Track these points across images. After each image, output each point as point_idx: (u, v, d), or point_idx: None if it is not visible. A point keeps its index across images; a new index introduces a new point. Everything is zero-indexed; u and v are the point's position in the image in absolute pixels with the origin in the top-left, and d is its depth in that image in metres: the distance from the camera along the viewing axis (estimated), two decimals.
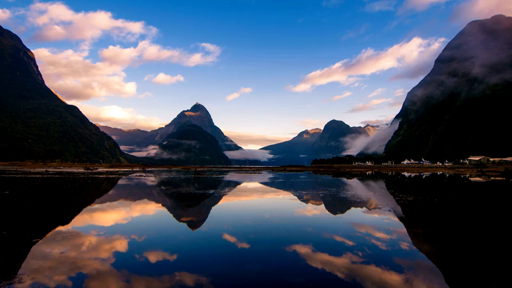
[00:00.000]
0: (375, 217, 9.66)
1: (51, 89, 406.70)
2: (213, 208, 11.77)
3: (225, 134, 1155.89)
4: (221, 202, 13.27)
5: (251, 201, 13.74)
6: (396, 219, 9.36)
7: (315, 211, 11.13)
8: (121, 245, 6.28)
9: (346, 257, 5.60)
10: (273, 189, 20.58)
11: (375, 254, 5.76)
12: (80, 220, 8.74)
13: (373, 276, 4.66)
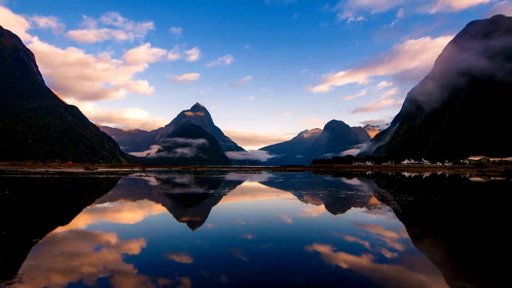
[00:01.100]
0: (375, 217, 9.66)
1: (52, 90, 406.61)
2: (213, 208, 11.77)
3: (225, 134, 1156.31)
4: (221, 202, 13.27)
5: (251, 201, 13.74)
6: (396, 219, 9.36)
7: (316, 211, 11.13)
8: (121, 245, 6.28)
9: (346, 257, 5.60)
10: (273, 189, 20.58)
11: (375, 254, 5.76)
12: (80, 220, 8.74)
13: (373, 276, 4.66)
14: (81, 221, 8.65)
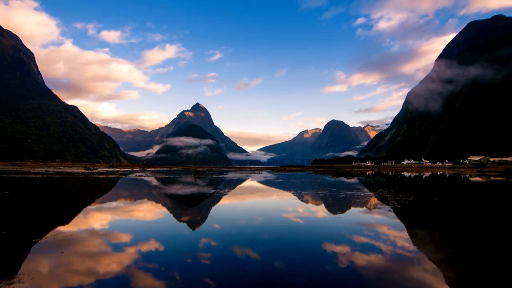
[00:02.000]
0: (375, 217, 9.65)
1: (52, 90, 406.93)
2: (213, 208, 11.77)
3: (225, 134, 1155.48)
4: (221, 202, 13.27)
5: (251, 201, 13.74)
6: (397, 219, 9.36)
7: (316, 211, 11.12)
8: (121, 245, 6.28)
9: (346, 257, 5.60)
10: (273, 189, 20.58)
11: (375, 254, 5.76)
12: (80, 220, 8.74)
13: (373, 276, 4.66)
14: (81, 221, 8.65)
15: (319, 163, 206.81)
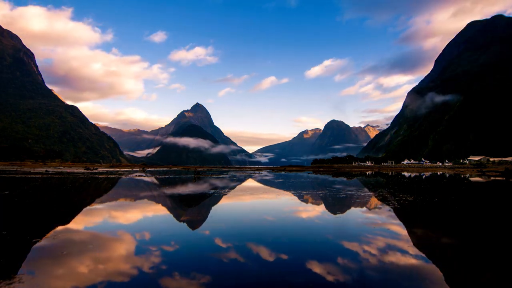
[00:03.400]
0: (375, 217, 9.65)
1: (52, 90, 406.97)
2: (213, 208, 11.77)
3: (225, 134, 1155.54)
4: (221, 202, 13.26)
5: (251, 201, 13.73)
6: (396, 220, 9.35)
7: (316, 211, 11.12)
8: (121, 245, 6.28)
9: (346, 257, 5.59)
10: (273, 189, 20.58)
11: (375, 255, 5.75)
12: (81, 221, 8.73)
13: (373, 276, 4.66)
14: (81, 221, 8.64)
15: (319, 163, 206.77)
